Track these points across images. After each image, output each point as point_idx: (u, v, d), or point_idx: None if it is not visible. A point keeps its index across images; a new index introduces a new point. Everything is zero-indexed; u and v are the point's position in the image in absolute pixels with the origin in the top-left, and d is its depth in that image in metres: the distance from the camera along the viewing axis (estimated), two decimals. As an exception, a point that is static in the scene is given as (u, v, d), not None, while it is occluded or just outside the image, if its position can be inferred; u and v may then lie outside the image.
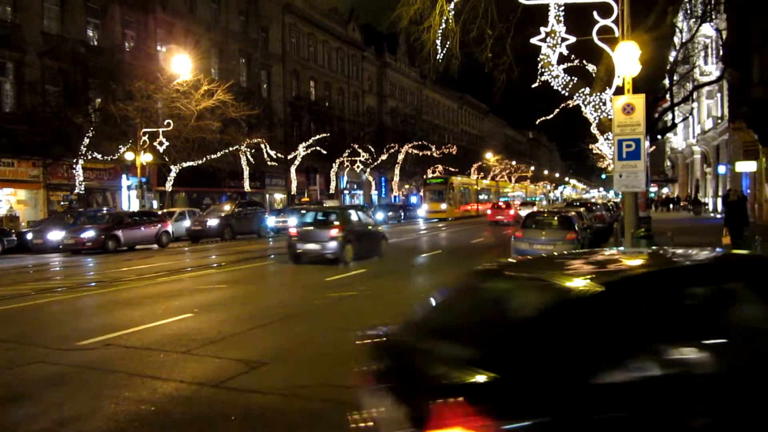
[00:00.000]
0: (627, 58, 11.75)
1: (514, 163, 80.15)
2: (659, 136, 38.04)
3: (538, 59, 13.72)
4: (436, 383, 2.72)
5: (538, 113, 24.95)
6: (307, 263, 16.56)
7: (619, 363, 2.72)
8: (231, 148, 31.09)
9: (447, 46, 14.79)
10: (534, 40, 13.39)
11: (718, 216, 25.19)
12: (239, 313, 9.92)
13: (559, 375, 2.64)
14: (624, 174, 11.83)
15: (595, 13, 12.15)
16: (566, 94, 14.45)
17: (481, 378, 2.61)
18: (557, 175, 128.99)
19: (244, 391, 5.90)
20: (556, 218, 16.65)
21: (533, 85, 15.05)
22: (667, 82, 23.41)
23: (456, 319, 3.57)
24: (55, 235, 22.44)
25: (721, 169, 36.11)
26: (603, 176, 73.25)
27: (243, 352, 7.31)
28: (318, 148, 39.98)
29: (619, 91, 12.33)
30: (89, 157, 26.61)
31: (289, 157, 39.29)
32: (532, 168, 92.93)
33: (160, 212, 28.84)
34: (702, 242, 18.98)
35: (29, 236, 23.27)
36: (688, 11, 23.71)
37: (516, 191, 77.24)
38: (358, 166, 47.22)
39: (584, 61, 15.83)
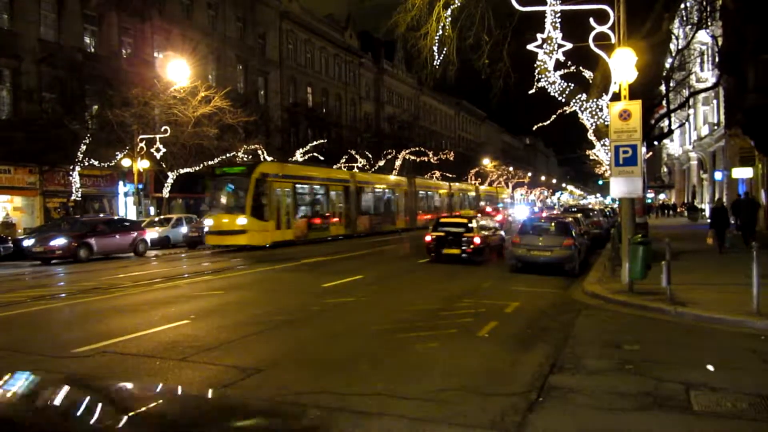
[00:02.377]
0: (623, 65, 11.80)
1: (511, 169, 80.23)
2: (656, 143, 38.15)
3: (535, 65, 13.75)
4: None
5: (535, 119, 25.00)
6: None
7: None
8: (228, 155, 31.06)
9: (444, 52, 14.86)
10: (531, 47, 13.43)
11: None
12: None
13: None
14: (621, 180, 11.86)
15: (591, 20, 12.20)
16: (563, 100, 14.48)
17: None
18: (554, 181, 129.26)
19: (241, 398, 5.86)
20: (553, 224, 16.66)
21: (530, 92, 15.09)
22: (663, 88, 23.46)
23: None
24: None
25: (718, 175, 36.18)
26: (600, 182, 73.29)
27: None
28: (315, 154, 39.89)
29: (616, 97, 12.37)
30: (86, 163, 26.54)
31: (287, 163, 39.23)
32: (529, 174, 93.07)
33: (157, 218, 28.80)
34: (694, 247, 19.12)
35: (25, 243, 23.16)
36: (684, 18, 23.82)
37: (470, 193, 58.71)
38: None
39: (581, 68, 15.88)
